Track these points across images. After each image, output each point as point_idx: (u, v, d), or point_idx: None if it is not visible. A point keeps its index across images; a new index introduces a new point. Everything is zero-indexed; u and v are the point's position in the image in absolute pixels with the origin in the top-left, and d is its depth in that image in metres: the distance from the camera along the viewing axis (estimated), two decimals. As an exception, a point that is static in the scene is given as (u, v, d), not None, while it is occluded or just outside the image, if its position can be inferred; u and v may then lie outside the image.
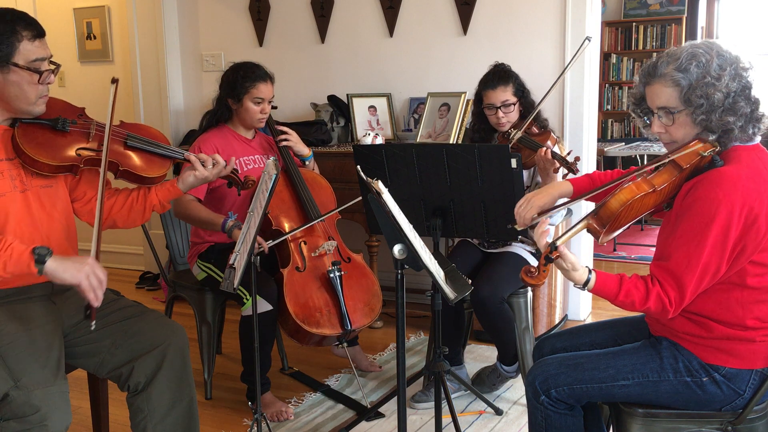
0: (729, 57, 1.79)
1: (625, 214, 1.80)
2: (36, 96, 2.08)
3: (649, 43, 7.49)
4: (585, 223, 1.83)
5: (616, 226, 1.82)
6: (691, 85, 1.78)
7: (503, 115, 3.05)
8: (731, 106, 1.78)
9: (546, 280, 1.78)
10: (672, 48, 1.86)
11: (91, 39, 5.32)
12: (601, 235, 1.83)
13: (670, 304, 1.76)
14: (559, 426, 1.97)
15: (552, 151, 2.81)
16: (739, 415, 1.87)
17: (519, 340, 2.99)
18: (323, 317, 2.95)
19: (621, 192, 1.79)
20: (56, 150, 2.12)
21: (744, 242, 1.75)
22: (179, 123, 4.97)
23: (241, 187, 2.58)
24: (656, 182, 1.81)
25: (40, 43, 2.07)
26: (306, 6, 4.58)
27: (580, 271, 1.79)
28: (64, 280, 1.91)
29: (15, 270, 1.90)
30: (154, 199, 2.35)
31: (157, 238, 3.62)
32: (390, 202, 1.84)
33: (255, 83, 3.08)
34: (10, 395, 1.89)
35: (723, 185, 1.73)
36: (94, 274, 1.93)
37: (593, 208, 1.84)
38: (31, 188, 2.11)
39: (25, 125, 2.11)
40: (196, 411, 2.25)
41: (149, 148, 2.31)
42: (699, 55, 1.78)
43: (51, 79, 2.11)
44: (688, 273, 1.75)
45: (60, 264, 1.91)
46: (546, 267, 1.75)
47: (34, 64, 2.04)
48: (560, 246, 1.74)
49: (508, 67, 3.12)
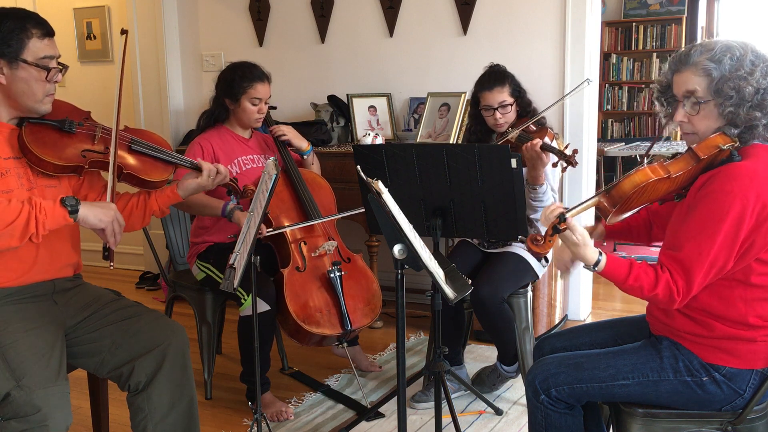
0: (762, 55, 1.81)
1: (637, 196, 1.80)
2: (43, 93, 2.10)
3: (649, 43, 7.50)
4: (596, 200, 1.84)
5: (625, 207, 1.83)
6: (723, 76, 1.79)
7: (501, 116, 3.03)
8: (760, 102, 1.79)
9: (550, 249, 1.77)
10: (706, 40, 1.88)
11: (91, 39, 5.32)
12: (609, 215, 1.84)
13: (678, 293, 1.76)
14: (559, 425, 1.97)
15: (545, 144, 2.79)
16: (739, 415, 1.87)
17: (519, 340, 2.99)
18: (323, 317, 2.96)
19: (635, 174, 1.80)
20: (62, 150, 2.14)
21: (753, 238, 1.76)
22: (179, 123, 4.97)
23: (239, 196, 2.61)
24: (672, 169, 1.81)
25: (49, 42, 2.10)
26: (306, 6, 4.58)
27: (590, 248, 1.79)
28: (94, 225, 2.05)
29: (53, 225, 1.99)
30: (153, 205, 2.37)
31: (157, 238, 3.62)
32: (390, 202, 1.84)
33: (252, 83, 3.08)
34: (12, 395, 1.90)
35: (739, 180, 1.74)
36: (117, 220, 2.08)
37: (605, 187, 1.84)
38: (36, 187, 2.13)
39: (32, 125, 2.13)
40: (196, 411, 2.26)
41: (153, 153, 2.34)
42: (734, 48, 1.80)
43: (58, 78, 2.13)
44: (698, 264, 1.75)
45: (90, 210, 2.04)
46: (552, 237, 1.75)
47: (43, 61, 2.07)
48: (569, 218, 1.75)
49: (503, 68, 3.11)
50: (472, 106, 3.16)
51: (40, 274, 2.15)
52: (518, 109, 3.09)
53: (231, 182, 2.54)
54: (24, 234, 1.95)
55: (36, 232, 1.96)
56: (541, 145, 2.77)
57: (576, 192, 3.94)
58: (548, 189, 2.90)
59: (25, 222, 1.94)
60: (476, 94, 3.11)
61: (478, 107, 3.10)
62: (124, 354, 2.16)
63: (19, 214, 1.93)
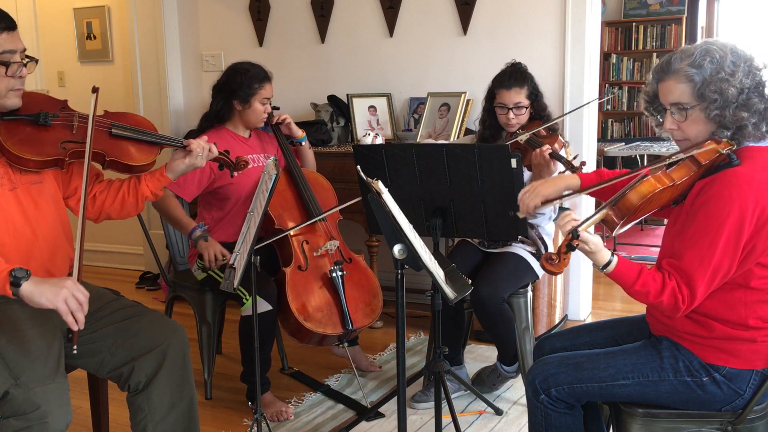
0: (743, 55, 1.81)
1: (643, 206, 1.81)
2: (6, 89, 2.04)
3: (649, 43, 7.49)
4: (603, 213, 1.84)
5: (632, 218, 1.84)
6: (704, 80, 1.79)
7: (514, 116, 3.01)
8: (745, 102, 1.79)
9: (566, 267, 1.78)
10: (686, 45, 1.88)
11: (91, 39, 5.32)
12: (616, 227, 1.84)
13: (683, 301, 1.77)
14: (559, 425, 1.97)
15: (553, 152, 2.78)
16: (739, 415, 1.87)
17: (519, 340, 2.99)
18: (324, 316, 2.96)
19: (641, 185, 1.80)
20: (40, 145, 2.10)
21: (754, 242, 1.76)
22: (179, 123, 4.97)
23: (233, 168, 2.54)
24: (675, 177, 1.82)
25: (9, 36, 2.03)
26: (306, 6, 4.58)
27: (602, 252, 1.79)
28: (41, 304, 1.83)
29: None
30: (145, 189, 2.34)
31: (157, 238, 3.62)
32: (390, 202, 1.84)
33: (263, 84, 3.10)
34: (11, 393, 1.89)
35: (737, 185, 1.74)
36: (72, 296, 1.85)
37: (611, 199, 1.85)
38: (20, 185, 2.10)
39: (5, 122, 2.08)
40: (196, 411, 2.25)
41: (135, 135, 2.28)
42: (713, 51, 1.80)
43: (23, 72, 2.07)
44: (700, 272, 1.75)
45: (36, 287, 1.83)
46: (567, 255, 1.75)
47: (2, 56, 2.01)
48: (582, 232, 1.75)
49: (524, 68, 3.07)
50: (487, 100, 3.12)
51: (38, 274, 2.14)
52: (532, 111, 3.08)
53: (222, 155, 2.48)
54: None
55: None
56: (550, 153, 2.77)
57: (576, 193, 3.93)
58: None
59: None
60: (492, 90, 3.07)
61: (493, 102, 3.08)
62: (124, 354, 2.16)
63: None
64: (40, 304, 1.84)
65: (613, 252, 1.82)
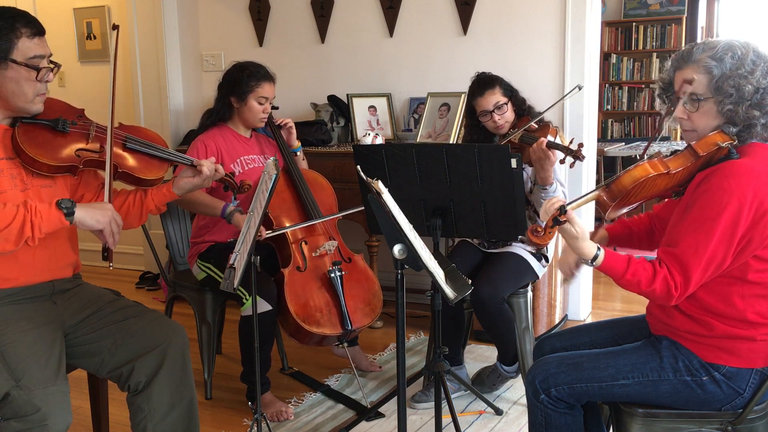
0: (764, 55, 1.83)
1: (636, 191, 1.82)
2: (33, 93, 2.08)
3: (649, 43, 7.49)
4: (596, 194, 1.85)
5: (624, 202, 1.85)
6: (724, 74, 1.80)
7: (499, 117, 3.04)
8: (759, 101, 1.80)
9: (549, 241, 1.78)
10: (709, 39, 1.90)
11: (91, 39, 5.32)
12: (608, 210, 1.85)
13: (676, 288, 1.77)
14: (559, 425, 1.97)
15: (550, 141, 2.79)
16: (739, 414, 1.87)
17: (519, 340, 2.99)
18: (324, 317, 2.96)
19: (635, 169, 1.82)
20: (56, 150, 2.13)
21: (750, 235, 1.76)
22: (179, 123, 4.97)
23: (237, 191, 2.58)
24: (671, 165, 1.83)
25: (39, 41, 2.07)
26: (306, 6, 4.58)
27: (588, 242, 1.80)
28: (92, 226, 2.03)
29: (49, 228, 1.97)
30: (150, 204, 2.36)
31: (157, 238, 3.62)
32: (390, 202, 1.84)
33: (260, 82, 3.09)
34: (11, 395, 1.89)
35: (736, 177, 1.75)
36: (114, 220, 2.06)
37: (606, 181, 1.86)
38: (31, 187, 2.11)
39: (25, 125, 2.11)
40: (196, 411, 2.25)
41: (148, 150, 2.32)
42: (735, 47, 1.82)
43: (49, 77, 2.11)
44: (695, 260, 1.76)
45: (86, 211, 2.02)
46: (552, 228, 1.76)
47: (32, 60, 2.05)
48: (569, 210, 1.75)
49: (489, 73, 3.14)
50: (469, 117, 3.18)
51: (40, 275, 2.15)
52: (515, 108, 3.10)
53: (227, 177, 2.51)
54: (19, 238, 1.94)
55: (32, 236, 1.95)
56: (546, 143, 2.77)
57: (576, 192, 3.93)
58: (558, 186, 2.90)
59: (20, 226, 1.93)
60: (470, 104, 3.13)
61: (476, 116, 3.12)
62: (124, 354, 2.16)
63: (14, 218, 1.92)
64: (90, 227, 2.03)
65: (599, 246, 1.82)
